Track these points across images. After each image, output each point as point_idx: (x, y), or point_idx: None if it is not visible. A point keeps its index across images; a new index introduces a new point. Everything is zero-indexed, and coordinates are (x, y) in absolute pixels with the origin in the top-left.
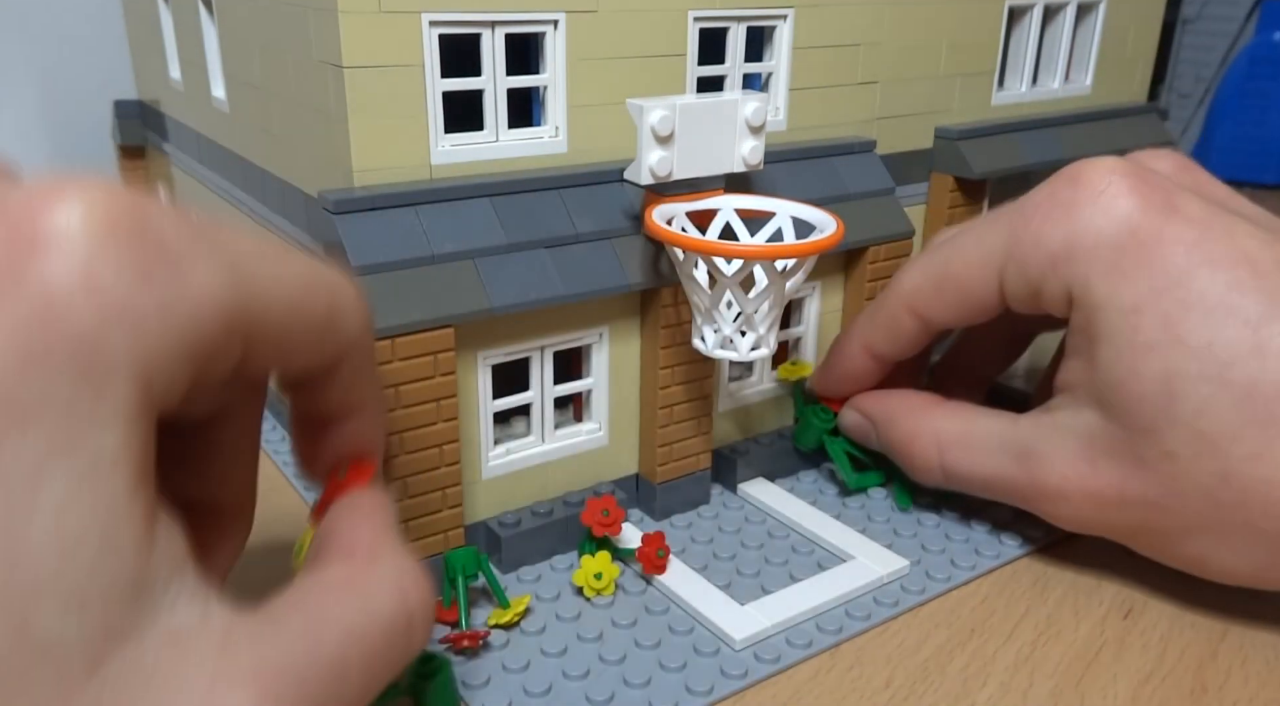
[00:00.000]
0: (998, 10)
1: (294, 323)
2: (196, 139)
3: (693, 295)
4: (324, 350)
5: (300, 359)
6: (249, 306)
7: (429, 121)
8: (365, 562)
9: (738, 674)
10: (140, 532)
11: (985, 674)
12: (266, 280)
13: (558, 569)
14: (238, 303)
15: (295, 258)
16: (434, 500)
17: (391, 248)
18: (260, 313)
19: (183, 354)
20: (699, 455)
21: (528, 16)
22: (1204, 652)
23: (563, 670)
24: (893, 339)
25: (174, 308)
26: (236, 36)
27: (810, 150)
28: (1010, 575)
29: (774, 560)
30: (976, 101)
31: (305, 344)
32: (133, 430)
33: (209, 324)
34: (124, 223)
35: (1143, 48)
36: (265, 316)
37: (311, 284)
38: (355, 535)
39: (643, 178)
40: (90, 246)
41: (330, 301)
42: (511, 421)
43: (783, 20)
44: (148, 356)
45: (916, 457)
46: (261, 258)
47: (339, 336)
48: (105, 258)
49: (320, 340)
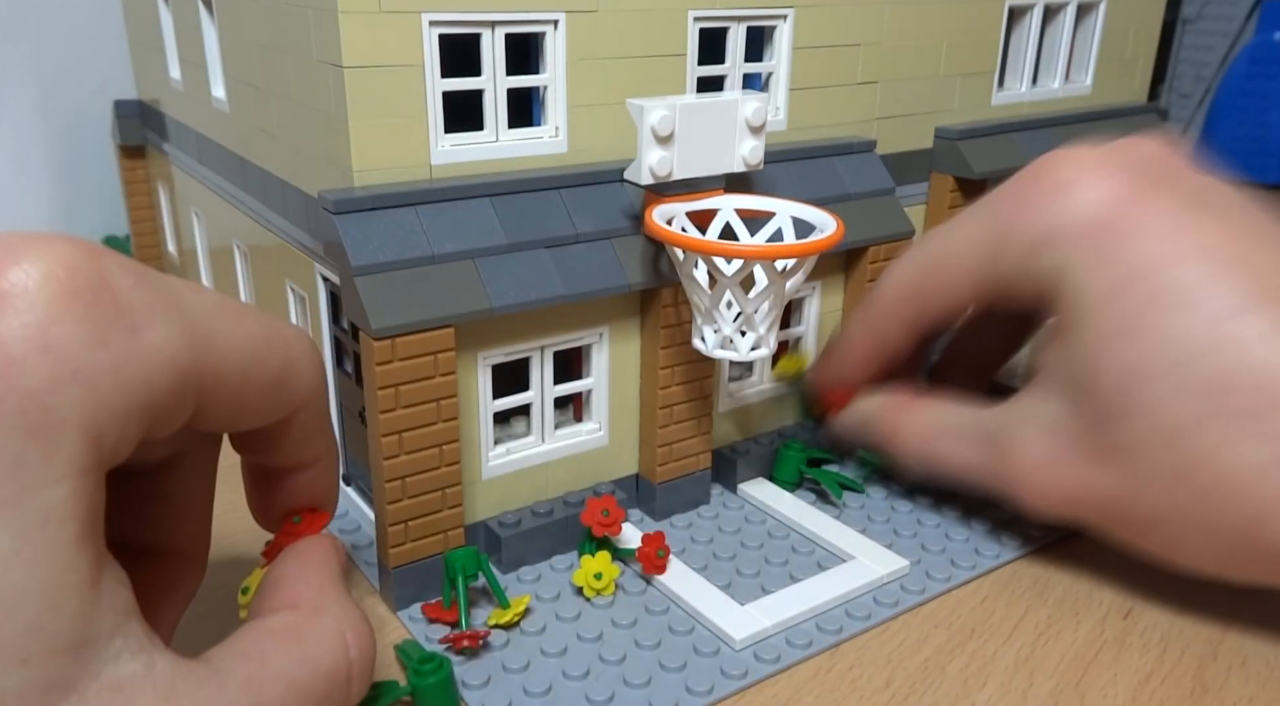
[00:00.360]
0: (998, 10)
1: (248, 380)
2: (196, 139)
3: (693, 295)
4: (277, 407)
5: (253, 415)
6: (203, 364)
7: (429, 121)
8: (309, 613)
9: (738, 674)
10: (86, 586)
11: (985, 674)
12: (222, 338)
13: (558, 569)
14: (192, 360)
15: (252, 315)
16: (434, 500)
17: (391, 247)
18: (214, 370)
19: (135, 411)
20: (699, 455)
21: (528, 16)
22: (1204, 652)
23: (563, 670)
24: (885, 333)
25: (128, 366)
26: (236, 36)
27: (810, 150)
28: (1010, 575)
29: (774, 560)
30: (976, 101)
31: (258, 400)
32: (81, 485)
33: (162, 381)
34: (82, 282)
35: (1143, 48)
36: (219, 374)
37: (267, 341)
38: (302, 583)
39: (643, 178)
40: (47, 306)
41: (285, 359)
42: (511, 421)
43: (783, 20)
44: (99, 414)
45: (900, 451)
46: (218, 315)
47: (292, 394)
48: (61, 318)
49: (273, 397)
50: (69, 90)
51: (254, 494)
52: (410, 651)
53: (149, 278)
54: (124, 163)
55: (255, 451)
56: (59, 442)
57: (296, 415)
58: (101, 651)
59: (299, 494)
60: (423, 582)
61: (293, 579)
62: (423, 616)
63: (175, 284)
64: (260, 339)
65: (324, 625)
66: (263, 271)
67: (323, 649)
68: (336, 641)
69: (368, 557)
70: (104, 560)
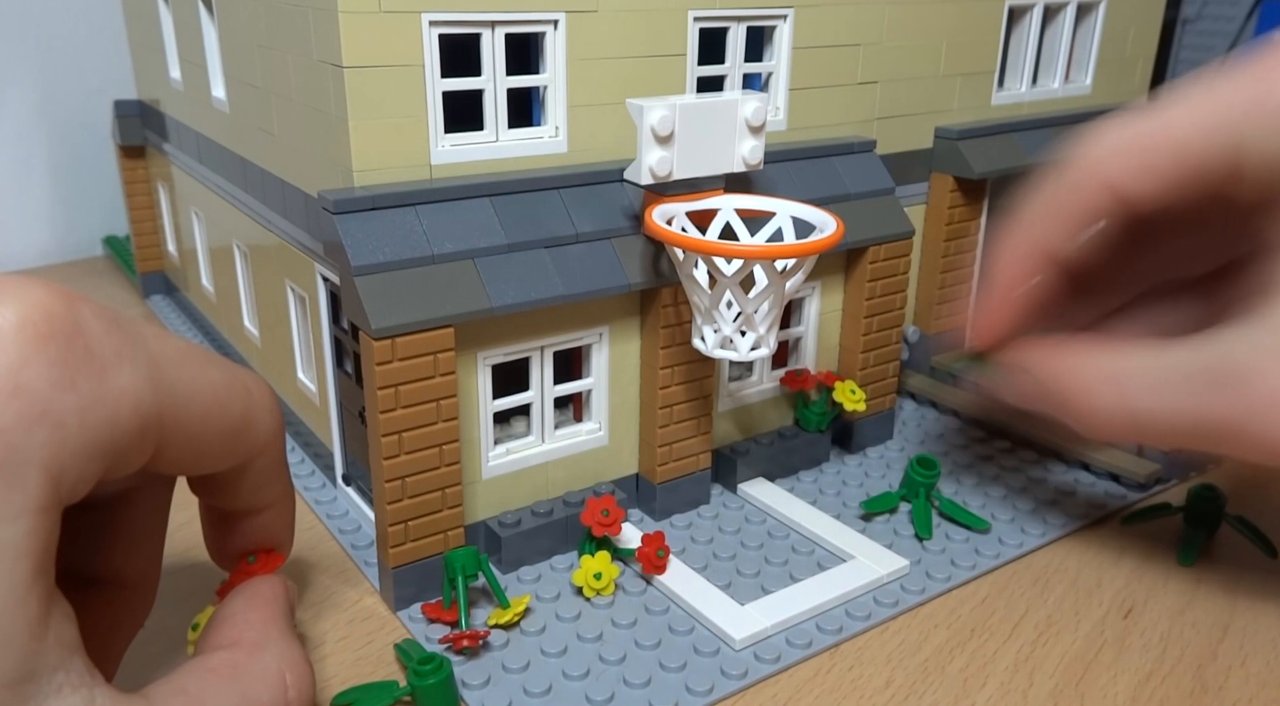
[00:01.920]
0: (998, 10)
1: (207, 426)
2: (196, 139)
3: (693, 295)
4: (235, 453)
5: (211, 460)
6: (165, 409)
7: (429, 121)
8: (250, 651)
9: (738, 674)
10: (34, 622)
11: (985, 674)
12: (185, 384)
13: (558, 569)
14: (155, 405)
15: (215, 363)
16: (434, 500)
17: (391, 248)
18: (176, 415)
19: (97, 452)
20: (699, 455)
21: (528, 16)
22: (1204, 652)
23: (563, 670)
24: (1077, 227)
25: (94, 409)
26: (236, 36)
27: (810, 150)
28: (1010, 575)
29: (774, 560)
30: (976, 101)
31: (217, 446)
32: (39, 522)
33: (125, 424)
34: (57, 327)
35: (1143, 48)
36: (180, 419)
37: (229, 389)
38: (246, 622)
39: (643, 178)
40: (21, 349)
41: (245, 407)
42: (511, 421)
43: (783, 20)
44: (62, 454)
45: (1099, 411)
46: (183, 362)
47: (251, 441)
48: (34, 361)
49: (232, 443)
50: (69, 90)
51: (211, 534)
52: (410, 651)
53: (119, 324)
54: (124, 163)
55: (212, 495)
56: (20, 480)
57: (253, 461)
58: (44, 685)
59: (254, 536)
60: (423, 582)
61: (237, 617)
62: (423, 616)
63: (144, 330)
64: (222, 387)
65: (264, 663)
66: (263, 271)
67: (261, 687)
68: (276, 680)
69: (368, 557)
70: (53, 596)
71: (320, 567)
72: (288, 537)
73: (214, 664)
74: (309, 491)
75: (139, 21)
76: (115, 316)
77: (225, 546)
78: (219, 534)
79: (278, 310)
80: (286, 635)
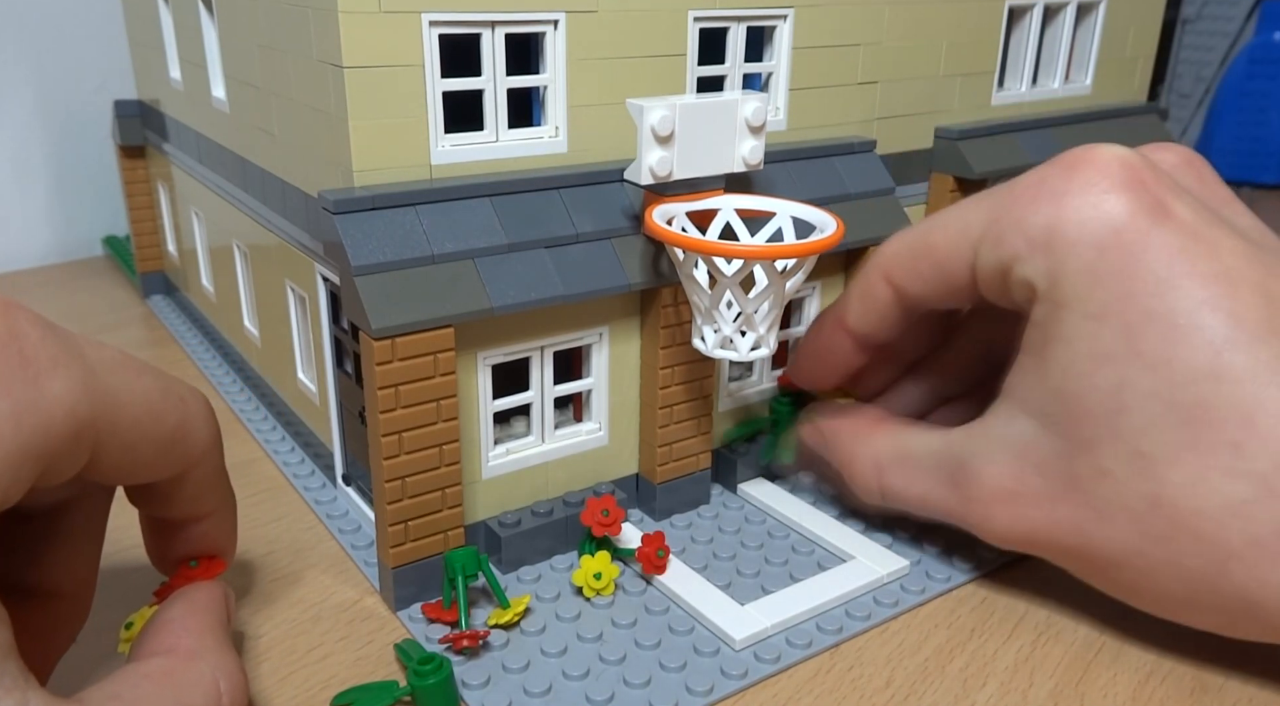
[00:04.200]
0: (998, 10)
1: (142, 435)
2: (196, 139)
3: (693, 295)
4: (170, 463)
5: (146, 469)
6: (100, 416)
7: (429, 121)
8: (185, 658)
9: (738, 674)
10: None
11: (985, 674)
12: (120, 392)
13: (558, 569)
14: (90, 412)
15: (150, 373)
16: (434, 500)
17: (391, 247)
18: (110, 422)
19: (30, 457)
20: (699, 455)
21: (528, 16)
22: (1204, 652)
23: (563, 670)
24: (866, 311)
25: (26, 415)
26: (236, 36)
27: (810, 150)
28: (1010, 575)
29: (774, 560)
30: (976, 101)
31: (152, 455)
32: None
33: (59, 430)
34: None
35: (1143, 48)
36: (114, 426)
37: (164, 399)
38: (183, 629)
39: (643, 178)
40: None
41: (180, 417)
42: (511, 421)
43: (783, 20)
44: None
45: (857, 479)
46: (118, 371)
47: (186, 451)
48: None
49: (167, 453)
50: (69, 90)
51: (151, 541)
52: (410, 651)
53: (54, 330)
54: (124, 163)
55: (150, 505)
56: None
57: (190, 472)
58: None
59: (196, 543)
60: (423, 582)
61: (174, 623)
62: (423, 616)
63: (78, 339)
64: (157, 396)
65: (198, 670)
66: (263, 271)
67: (195, 694)
68: (210, 687)
69: (368, 557)
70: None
71: (320, 567)
72: (230, 545)
73: (149, 670)
74: (309, 491)
75: (139, 21)
76: (50, 324)
77: (166, 553)
78: (159, 541)
79: (278, 310)
80: (223, 643)
